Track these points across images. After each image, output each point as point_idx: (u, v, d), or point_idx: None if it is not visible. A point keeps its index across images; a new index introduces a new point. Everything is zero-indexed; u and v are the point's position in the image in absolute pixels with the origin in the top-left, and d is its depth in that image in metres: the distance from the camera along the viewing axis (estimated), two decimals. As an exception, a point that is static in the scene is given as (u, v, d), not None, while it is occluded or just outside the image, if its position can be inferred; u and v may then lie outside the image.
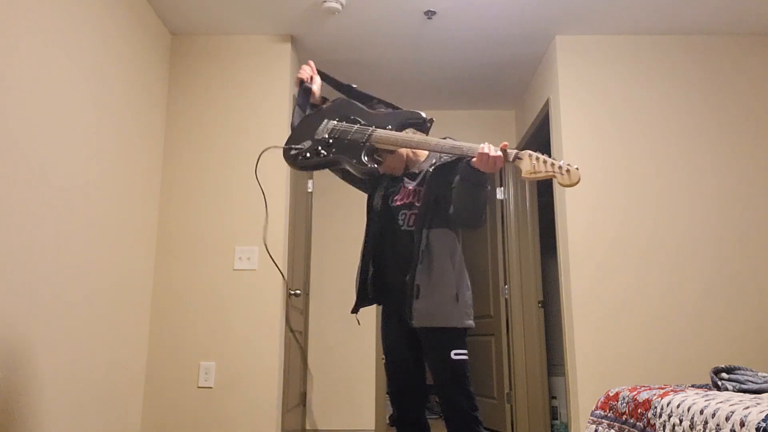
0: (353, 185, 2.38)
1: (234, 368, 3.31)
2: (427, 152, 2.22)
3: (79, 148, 2.61)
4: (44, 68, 2.36)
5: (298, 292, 3.78)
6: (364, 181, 2.32)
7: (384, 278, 2.22)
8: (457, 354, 2.07)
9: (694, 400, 1.83)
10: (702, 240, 3.48)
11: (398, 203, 2.22)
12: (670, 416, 1.90)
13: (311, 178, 4.62)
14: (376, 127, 2.06)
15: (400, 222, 2.20)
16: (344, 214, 4.75)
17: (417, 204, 2.17)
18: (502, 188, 4.81)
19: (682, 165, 3.57)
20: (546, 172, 1.82)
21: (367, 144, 2.03)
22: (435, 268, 2.07)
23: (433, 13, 3.46)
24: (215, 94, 3.62)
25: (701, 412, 1.73)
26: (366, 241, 2.25)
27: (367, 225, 2.27)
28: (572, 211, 3.53)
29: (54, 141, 2.42)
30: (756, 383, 2.04)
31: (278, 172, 3.53)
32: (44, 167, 2.35)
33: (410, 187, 2.21)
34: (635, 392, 2.22)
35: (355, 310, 2.25)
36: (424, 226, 2.10)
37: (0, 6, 2.10)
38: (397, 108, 2.19)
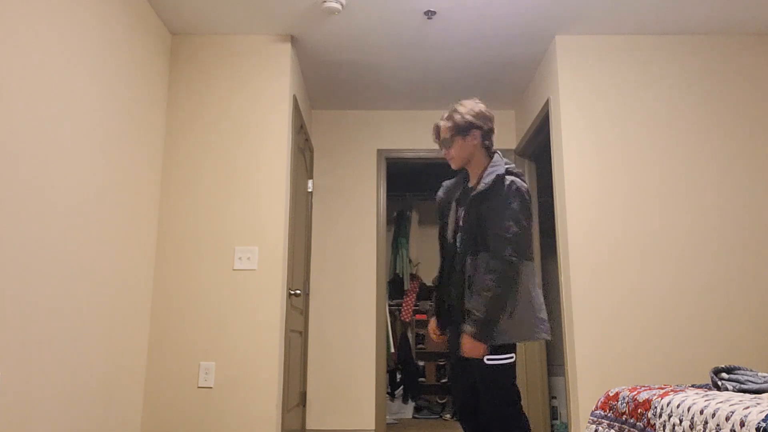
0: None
1: (234, 368, 3.31)
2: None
3: (79, 148, 2.61)
4: (44, 69, 2.36)
5: (298, 292, 3.78)
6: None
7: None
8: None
9: (694, 400, 1.83)
10: (702, 239, 3.48)
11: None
12: (670, 416, 1.90)
13: (311, 178, 4.62)
14: None
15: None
16: (344, 214, 4.75)
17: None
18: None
19: (683, 165, 3.57)
20: None
21: None
22: None
23: (433, 13, 3.46)
24: (215, 94, 3.62)
25: (701, 412, 1.73)
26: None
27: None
28: (572, 211, 3.53)
29: (54, 141, 2.42)
30: (756, 383, 2.04)
31: (278, 172, 3.54)
32: (44, 167, 2.35)
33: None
34: (635, 392, 2.22)
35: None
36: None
37: (1, 7, 2.10)
38: None
